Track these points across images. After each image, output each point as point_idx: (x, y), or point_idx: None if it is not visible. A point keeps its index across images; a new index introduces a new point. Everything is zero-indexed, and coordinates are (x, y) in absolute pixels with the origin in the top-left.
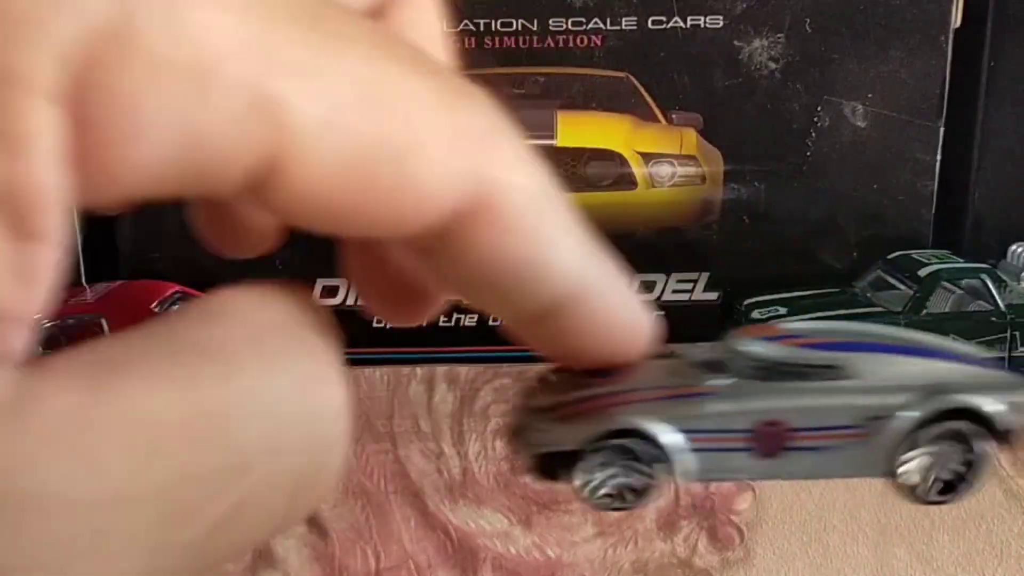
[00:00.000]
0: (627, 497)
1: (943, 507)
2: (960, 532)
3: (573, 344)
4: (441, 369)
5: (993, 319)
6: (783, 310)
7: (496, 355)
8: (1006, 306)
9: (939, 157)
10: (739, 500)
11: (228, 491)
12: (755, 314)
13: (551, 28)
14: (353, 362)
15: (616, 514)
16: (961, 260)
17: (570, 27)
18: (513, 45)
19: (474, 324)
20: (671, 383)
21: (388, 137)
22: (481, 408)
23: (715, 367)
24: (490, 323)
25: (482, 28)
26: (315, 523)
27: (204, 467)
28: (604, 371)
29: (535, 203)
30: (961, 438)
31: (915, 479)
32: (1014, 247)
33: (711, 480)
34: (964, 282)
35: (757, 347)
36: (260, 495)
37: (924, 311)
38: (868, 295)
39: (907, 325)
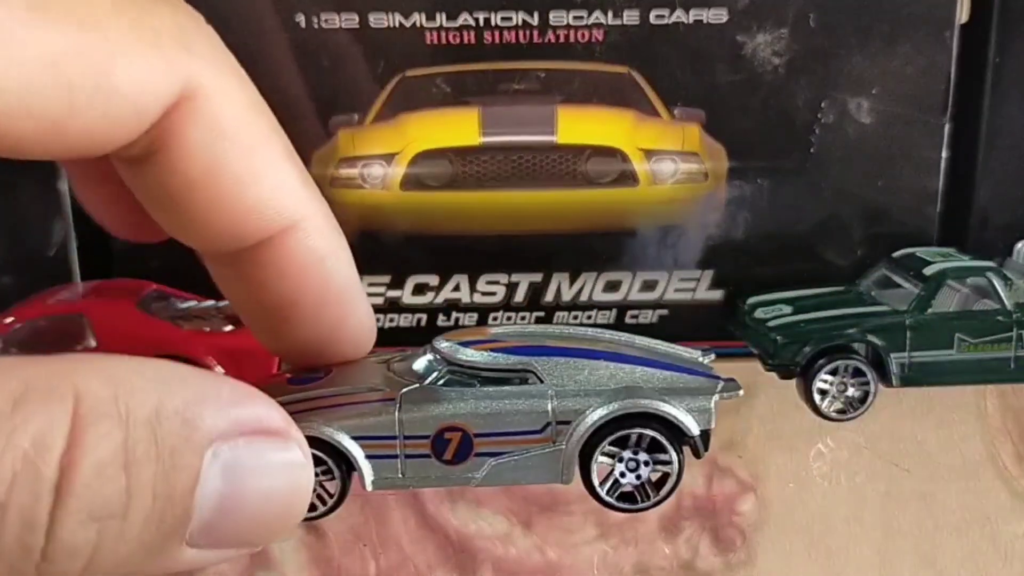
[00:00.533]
0: (324, 501)
1: (948, 508)
2: (964, 533)
3: (283, 288)
4: None
5: (999, 318)
6: (787, 308)
7: None
8: (1012, 304)
9: (944, 154)
10: (741, 502)
11: None
12: (758, 312)
13: (552, 22)
14: None
15: (618, 516)
16: (967, 258)
17: (571, 21)
18: (513, 40)
19: (474, 324)
20: (362, 390)
21: (80, 45)
22: None
23: (419, 373)
24: (490, 322)
25: (482, 23)
26: (313, 525)
27: None
28: (309, 377)
29: (246, 112)
30: (656, 446)
31: (601, 484)
32: (1020, 245)
33: (397, 488)
34: (970, 280)
35: (455, 352)
36: None
37: (929, 310)
38: (873, 293)
39: (912, 324)
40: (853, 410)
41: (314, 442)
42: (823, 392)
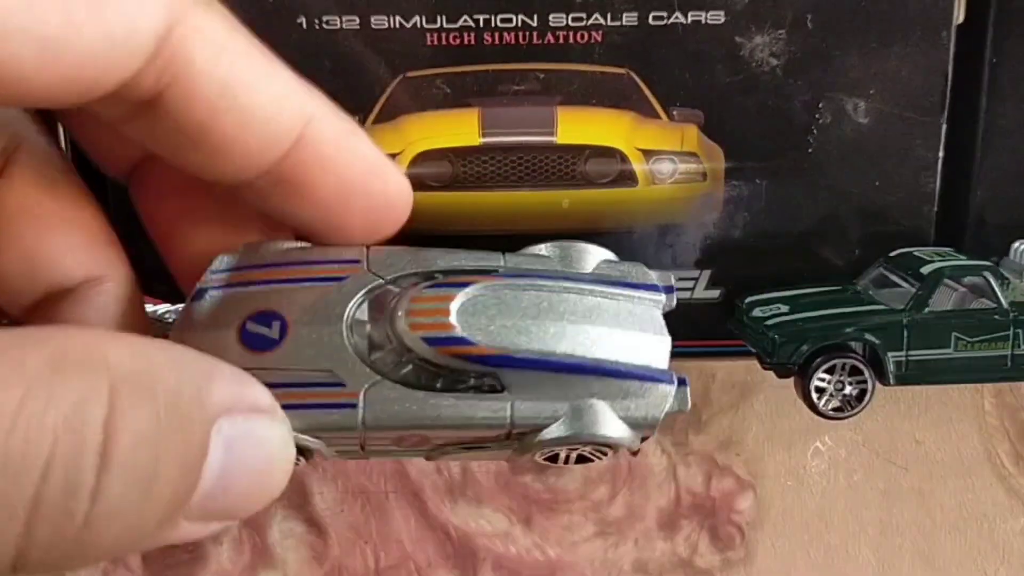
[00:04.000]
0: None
1: (945, 507)
2: (962, 531)
3: (326, 182)
4: None
5: (996, 317)
6: (784, 307)
7: None
8: (1009, 304)
9: (941, 154)
10: (740, 499)
11: None
12: (756, 311)
13: (551, 24)
14: None
15: (617, 514)
16: (964, 257)
17: (570, 23)
18: (513, 41)
19: None
20: (317, 380)
21: None
22: None
23: (379, 358)
24: None
25: (481, 24)
26: (314, 523)
27: None
28: (263, 339)
29: (237, 30)
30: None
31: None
32: (1017, 244)
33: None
34: (967, 280)
35: (420, 349)
36: None
37: (926, 308)
38: (870, 293)
39: (909, 323)
40: (850, 408)
41: None
42: (820, 390)
